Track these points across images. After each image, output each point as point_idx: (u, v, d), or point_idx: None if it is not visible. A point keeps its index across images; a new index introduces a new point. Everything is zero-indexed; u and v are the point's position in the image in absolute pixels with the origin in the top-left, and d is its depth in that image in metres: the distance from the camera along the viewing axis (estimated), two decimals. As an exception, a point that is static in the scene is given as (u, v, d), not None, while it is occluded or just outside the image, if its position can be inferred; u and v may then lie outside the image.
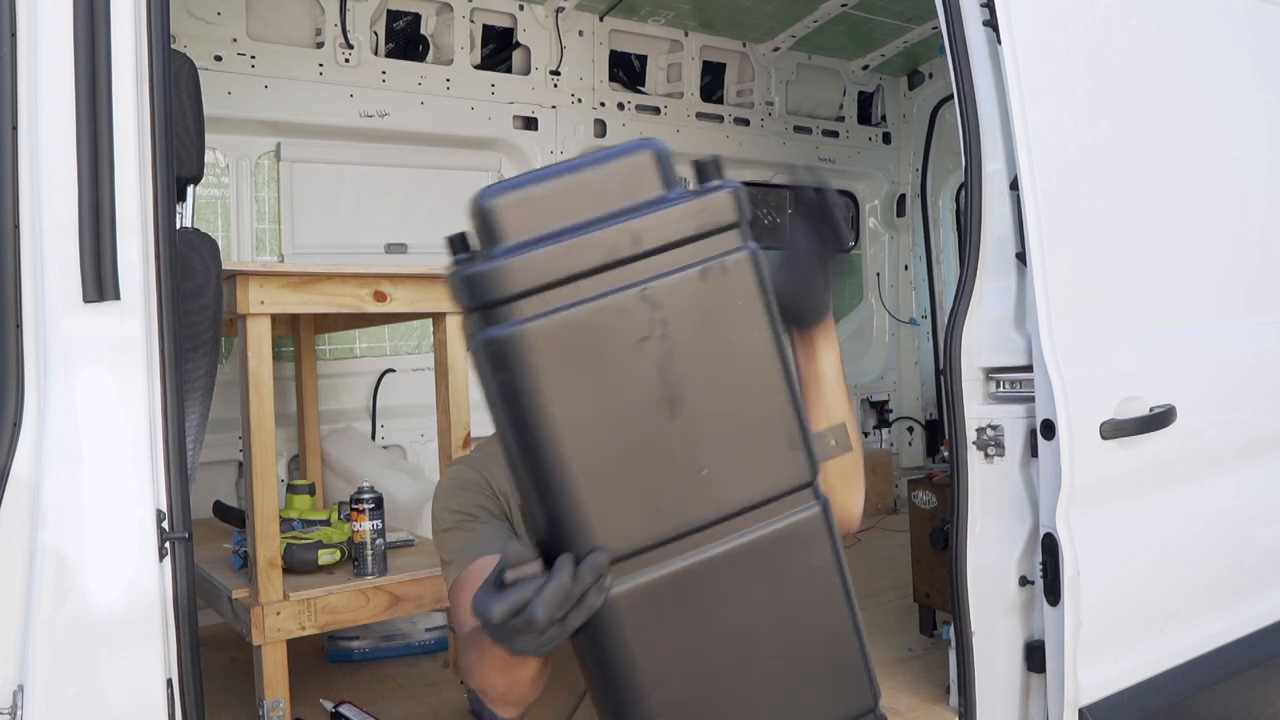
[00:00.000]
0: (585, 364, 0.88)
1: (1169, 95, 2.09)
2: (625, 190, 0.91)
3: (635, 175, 0.92)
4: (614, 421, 0.89)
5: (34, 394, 1.23)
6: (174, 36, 2.07)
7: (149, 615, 1.26)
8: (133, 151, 1.28)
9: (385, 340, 3.88)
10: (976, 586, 1.83)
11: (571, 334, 0.87)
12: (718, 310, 0.93)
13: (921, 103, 5.23)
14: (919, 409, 5.38)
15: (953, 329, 1.84)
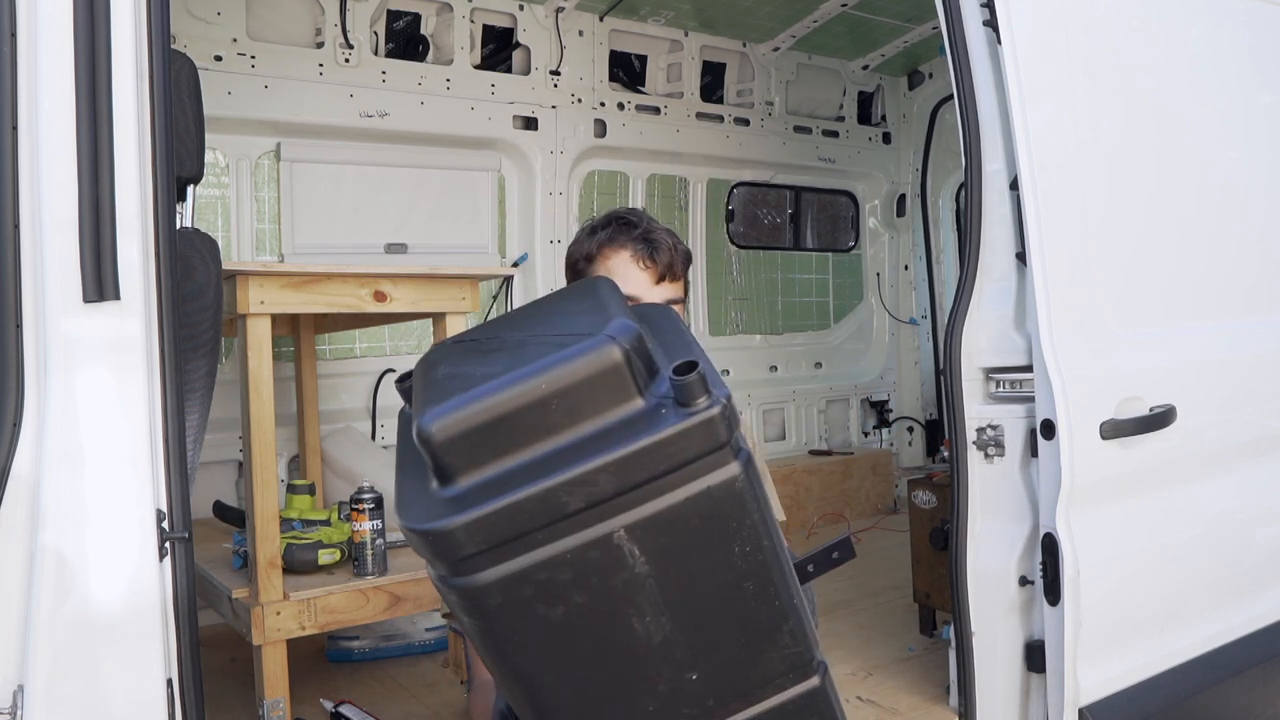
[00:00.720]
0: (561, 601, 0.81)
1: (1169, 95, 2.09)
2: (595, 404, 0.79)
3: (604, 384, 0.80)
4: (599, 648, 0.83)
5: (34, 394, 1.23)
6: (174, 36, 2.07)
7: (149, 615, 1.26)
8: (133, 151, 1.28)
9: (385, 340, 3.88)
10: (976, 586, 1.83)
11: (545, 576, 0.79)
12: (707, 534, 0.84)
13: (921, 103, 5.23)
14: (919, 409, 5.38)
15: (953, 329, 1.84)
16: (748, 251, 4.99)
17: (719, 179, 4.80)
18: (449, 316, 2.53)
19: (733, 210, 4.93)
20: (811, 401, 5.05)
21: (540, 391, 0.79)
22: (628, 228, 1.55)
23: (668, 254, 1.53)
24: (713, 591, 0.86)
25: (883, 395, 5.32)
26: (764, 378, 4.94)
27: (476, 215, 4.03)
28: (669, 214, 4.64)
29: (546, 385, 0.79)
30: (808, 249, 5.26)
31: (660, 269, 1.52)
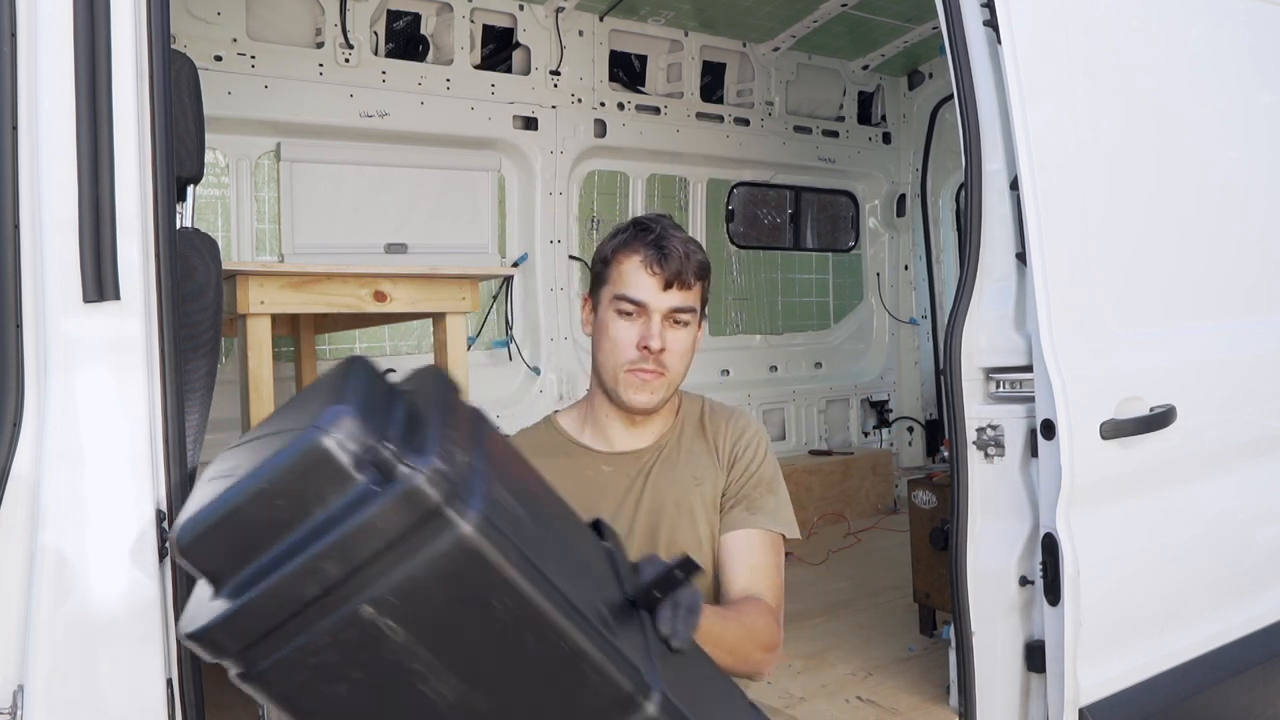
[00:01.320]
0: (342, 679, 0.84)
1: (1169, 95, 2.09)
2: (317, 494, 0.82)
3: (318, 474, 0.82)
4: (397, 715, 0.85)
5: (34, 394, 1.23)
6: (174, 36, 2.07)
7: (149, 615, 1.26)
8: (133, 151, 1.28)
9: (385, 340, 3.88)
10: (976, 586, 1.83)
11: (315, 659, 0.83)
12: (457, 595, 0.84)
13: (921, 103, 5.23)
14: (919, 409, 5.38)
15: (953, 329, 1.84)
16: (748, 251, 4.99)
17: (719, 179, 4.80)
18: (449, 316, 2.53)
19: (733, 210, 4.93)
20: (811, 401, 5.04)
21: (264, 490, 0.82)
22: (643, 233, 1.55)
23: (677, 262, 1.52)
24: (492, 646, 0.87)
25: (883, 395, 5.32)
26: (764, 378, 4.94)
27: (476, 215, 4.03)
28: (669, 214, 4.64)
29: (268, 484, 0.82)
30: (808, 249, 5.26)
31: (667, 275, 1.52)
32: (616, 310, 1.54)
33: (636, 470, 1.61)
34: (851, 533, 4.32)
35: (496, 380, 4.08)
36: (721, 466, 1.64)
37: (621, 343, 1.53)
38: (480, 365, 3.98)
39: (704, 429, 1.67)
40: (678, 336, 1.55)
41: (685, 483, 1.61)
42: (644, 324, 1.53)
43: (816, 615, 3.13)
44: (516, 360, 4.16)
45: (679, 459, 1.64)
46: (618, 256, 1.56)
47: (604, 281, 1.58)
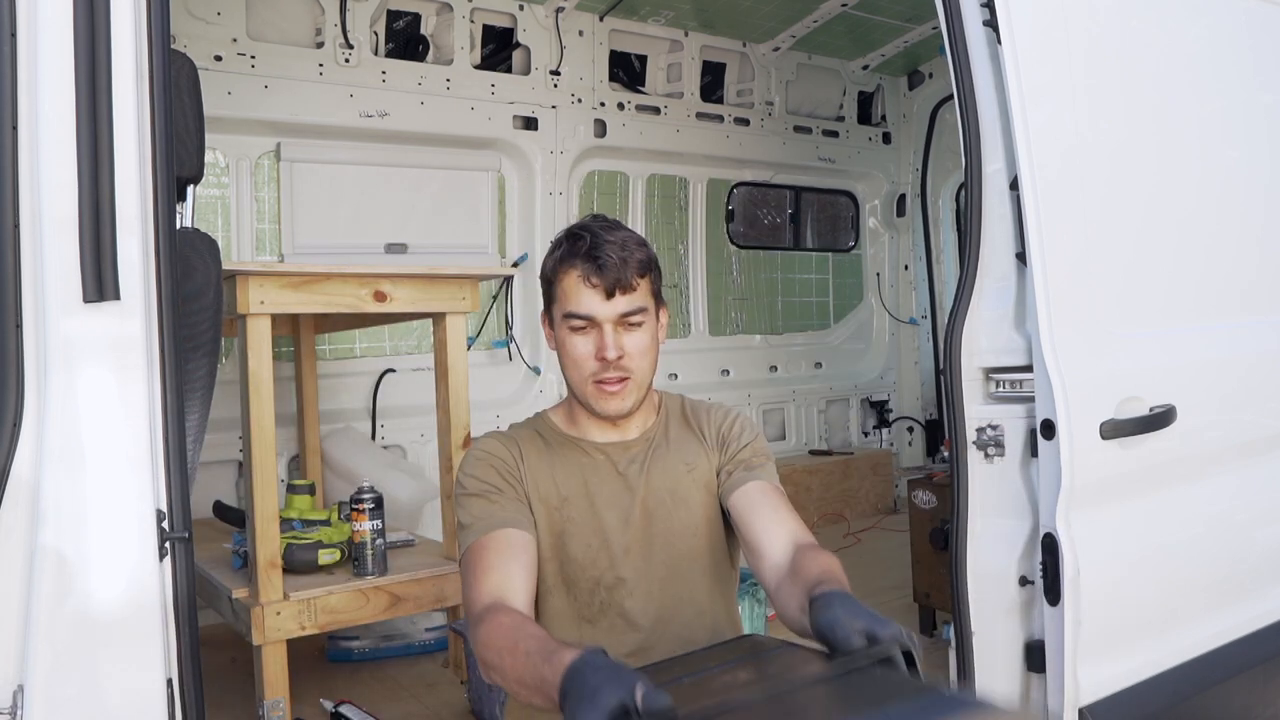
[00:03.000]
0: None
1: (1169, 95, 2.09)
2: None
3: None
4: None
5: (34, 394, 1.23)
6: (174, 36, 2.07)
7: (149, 615, 1.26)
8: (133, 151, 1.28)
9: (385, 340, 3.89)
10: (976, 586, 1.83)
11: None
12: None
13: (921, 103, 5.23)
14: (919, 409, 5.38)
15: (953, 329, 1.84)
16: (748, 251, 4.99)
17: (719, 179, 4.80)
18: (449, 316, 2.53)
19: (733, 210, 4.93)
20: (811, 401, 5.05)
21: None
22: (576, 244, 1.52)
23: (615, 269, 1.49)
24: None
25: (883, 395, 5.32)
26: (764, 378, 4.94)
27: (476, 215, 4.03)
28: (669, 214, 4.65)
29: None
30: (808, 249, 5.26)
31: (607, 285, 1.49)
32: (569, 328, 1.53)
33: (628, 460, 1.62)
34: (851, 533, 4.32)
35: (496, 380, 4.08)
36: (711, 449, 1.65)
37: (580, 358, 1.53)
38: (480, 365, 3.98)
39: (688, 420, 1.69)
40: (634, 338, 1.53)
41: (677, 470, 1.62)
42: (597, 336, 1.51)
43: (816, 615, 3.12)
44: (516, 360, 4.16)
45: (668, 448, 1.65)
46: (558, 274, 1.54)
47: (553, 300, 1.57)
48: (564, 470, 1.60)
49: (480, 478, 1.56)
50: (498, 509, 1.53)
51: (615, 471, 1.61)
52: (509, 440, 1.62)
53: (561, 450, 1.62)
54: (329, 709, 2.48)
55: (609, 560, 1.57)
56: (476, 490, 1.55)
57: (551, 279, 1.55)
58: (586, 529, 1.58)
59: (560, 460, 1.61)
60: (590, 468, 1.61)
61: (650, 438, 1.65)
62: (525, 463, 1.59)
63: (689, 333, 4.74)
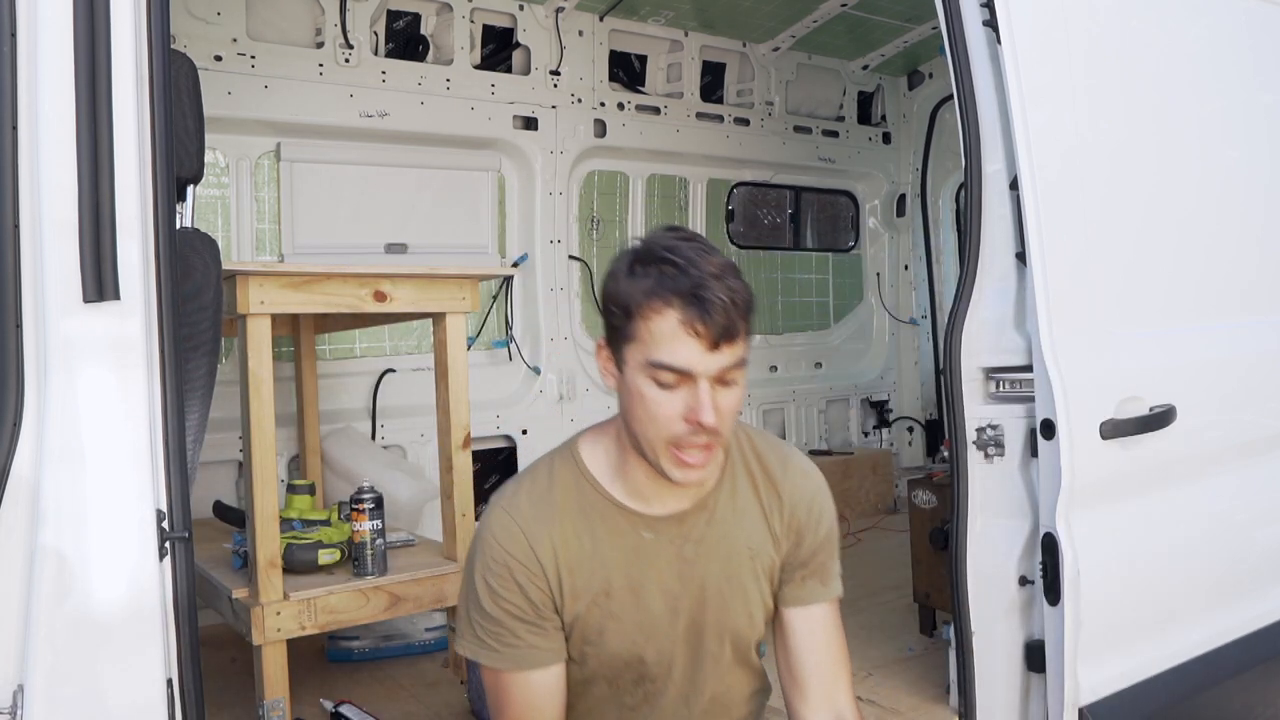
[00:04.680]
0: None
1: (1169, 95, 2.09)
2: None
3: None
4: None
5: (34, 394, 1.23)
6: (174, 36, 2.07)
7: (149, 615, 1.26)
8: (133, 151, 1.28)
9: (385, 340, 3.88)
10: (976, 586, 1.83)
11: None
12: None
13: (921, 103, 5.23)
14: (919, 409, 5.38)
15: (953, 329, 1.84)
16: (748, 251, 4.99)
17: (719, 179, 4.80)
18: (449, 316, 2.53)
19: (733, 210, 4.93)
20: (812, 401, 5.05)
21: None
22: (673, 278, 1.22)
23: (723, 314, 1.20)
24: None
25: (883, 395, 5.32)
26: (764, 378, 4.94)
27: (476, 215, 4.03)
28: (669, 214, 4.64)
29: None
30: (808, 249, 5.26)
31: (714, 334, 1.20)
32: (655, 380, 1.24)
33: (682, 539, 1.39)
34: (851, 533, 4.32)
35: (496, 380, 4.08)
36: (781, 535, 1.44)
37: (664, 418, 1.24)
38: (480, 365, 3.98)
39: (755, 483, 1.44)
40: (729, 397, 1.26)
41: (739, 555, 1.41)
42: (690, 394, 1.23)
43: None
44: (516, 360, 4.16)
45: (733, 522, 1.41)
46: (644, 310, 1.23)
47: (628, 338, 1.26)
48: (609, 555, 1.37)
49: (502, 596, 1.32)
50: (522, 646, 1.33)
51: (669, 554, 1.38)
52: (537, 530, 1.34)
53: (607, 529, 1.37)
54: (329, 709, 2.47)
55: (655, 653, 1.40)
56: (496, 614, 1.32)
57: (630, 310, 1.25)
58: (630, 623, 1.38)
59: (605, 544, 1.37)
60: (640, 551, 1.38)
61: (712, 508, 1.41)
62: (561, 560, 1.34)
63: (689, 333, 4.74)
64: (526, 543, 1.33)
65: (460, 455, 2.59)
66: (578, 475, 1.39)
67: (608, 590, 1.36)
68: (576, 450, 1.42)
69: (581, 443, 1.43)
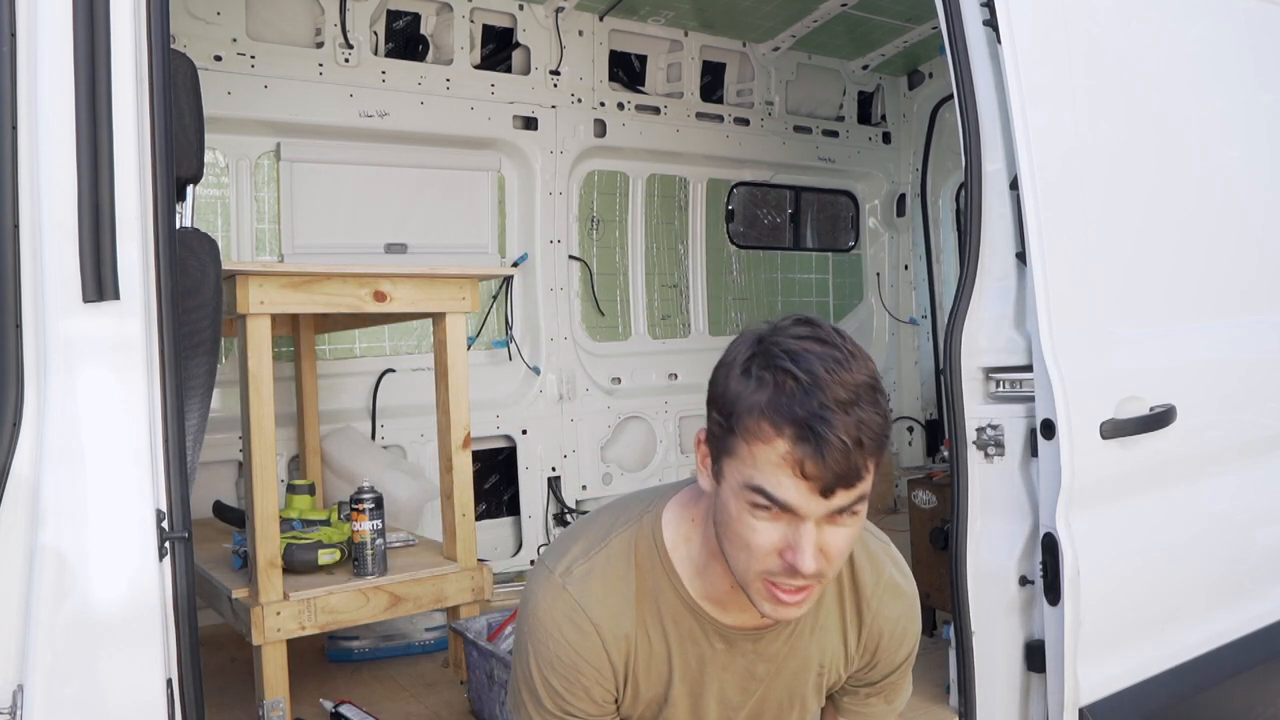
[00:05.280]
0: None
1: (1169, 95, 2.09)
2: None
3: None
4: None
5: (34, 393, 1.23)
6: (174, 36, 2.07)
7: (149, 615, 1.26)
8: (133, 151, 1.28)
9: (385, 340, 3.88)
10: (976, 586, 1.83)
11: None
12: None
13: (921, 103, 5.23)
14: (919, 409, 5.38)
15: (953, 329, 1.84)
16: (748, 251, 4.99)
17: (719, 179, 4.80)
18: (449, 316, 2.53)
19: (733, 210, 4.93)
20: (812, 401, 5.04)
21: None
22: (788, 405, 1.00)
23: (842, 459, 0.99)
24: None
25: (882, 395, 5.31)
26: (764, 378, 4.94)
27: (476, 215, 4.03)
28: (669, 214, 4.65)
29: None
30: (808, 249, 5.26)
31: (829, 479, 1.00)
32: (751, 504, 1.05)
33: (755, 655, 1.25)
34: (851, 533, 4.32)
35: (496, 380, 4.08)
36: (854, 653, 1.30)
37: (759, 549, 1.05)
38: (480, 365, 3.98)
39: (842, 596, 1.28)
40: (841, 536, 1.06)
41: (808, 670, 1.28)
42: (792, 531, 1.04)
43: (816, 615, 3.12)
44: (516, 360, 4.16)
45: (808, 641, 1.27)
46: (748, 427, 1.03)
47: (728, 451, 1.06)
48: (680, 666, 1.23)
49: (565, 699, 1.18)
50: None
51: (738, 668, 1.25)
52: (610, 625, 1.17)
53: (679, 631, 1.22)
54: (329, 709, 2.47)
55: None
56: (557, 713, 1.19)
57: (734, 424, 1.05)
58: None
59: (675, 647, 1.22)
60: (707, 661, 1.24)
61: (793, 625, 1.25)
62: (632, 663, 1.20)
63: (689, 333, 4.74)
64: (600, 643, 1.17)
65: (460, 455, 2.59)
66: (657, 564, 1.21)
67: (668, 698, 1.23)
68: (659, 530, 1.22)
69: (666, 520, 1.23)
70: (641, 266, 4.51)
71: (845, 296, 5.36)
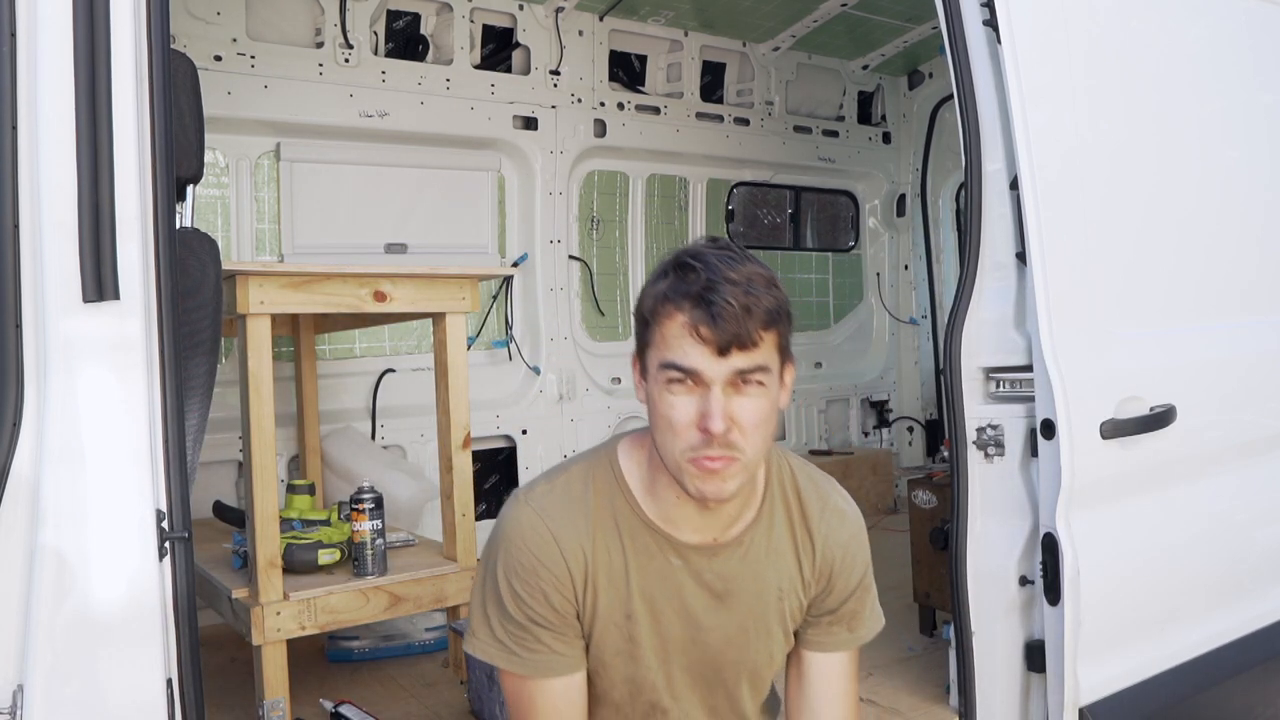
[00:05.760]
0: None
1: (1169, 95, 2.09)
2: None
3: None
4: None
5: (34, 393, 1.23)
6: (174, 36, 2.07)
7: (149, 615, 1.26)
8: (133, 151, 1.28)
9: (385, 340, 3.88)
10: (976, 586, 1.83)
11: None
12: None
13: (921, 103, 5.23)
14: (919, 409, 5.38)
15: (953, 329, 1.84)
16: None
17: (719, 179, 4.80)
18: (449, 316, 2.53)
19: (733, 210, 4.93)
20: (812, 401, 5.04)
21: None
22: (684, 281, 1.19)
23: (734, 321, 1.16)
24: None
25: (883, 395, 5.32)
26: (764, 378, 4.93)
27: (476, 215, 4.03)
28: (669, 214, 4.65)
29: None
30: (808, 249, 5.26)
31: (721, 340, 1.16)
32: (666, 380, 1.20)
33: (712, 572, 1.34)
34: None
35: (496, 380, 4.08)
36: (810, 579, 1.40)
37: (677, 424, 1.19)
38: (480, 365, 3.98)
39: (791, 522, 1.39)
40: (749, 405, 1.20)
41: (768, 596, 1.37)
42: (701, 398, 1.18)
43: (816, 615, 3.13)
44: (516, 360, 4.16)
45: (764, 563, 1.36)
46: (658, 314, 1.21)
47: (648, 343, 1.24)
48: (635, 578, 1.32)
49: (526, 602, 1.28)
50: (544, 652, 1.29)
51: (694, 586, 1.34)
52: (569, 537, 1.29)
53: (636, 548, 1.32)
54: (329, 709, 2.47)
55: (665, 683, 1.36)
56: (519, 618, 1.28)
57: (649, 318, 1.23)
58: (647, 650, 1.34)
59: (637, 567, 1.32)
60: (667, 578, 1.33)
61: (747, 544, 1.35)
62: (590, 574, 1.30)
63: (689, 333, 4.75)
64: (558, 550, 1.28)
65: (460, 455, 2.59)
66: (614, 485, 1.33)
67: (629, 614, 1.32)
68: (615, 458, 1.36)
69: (620, 450, 1.37)
70: (641, 266, 4.51)
71: (845, 296, 5.36)
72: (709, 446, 1.19)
